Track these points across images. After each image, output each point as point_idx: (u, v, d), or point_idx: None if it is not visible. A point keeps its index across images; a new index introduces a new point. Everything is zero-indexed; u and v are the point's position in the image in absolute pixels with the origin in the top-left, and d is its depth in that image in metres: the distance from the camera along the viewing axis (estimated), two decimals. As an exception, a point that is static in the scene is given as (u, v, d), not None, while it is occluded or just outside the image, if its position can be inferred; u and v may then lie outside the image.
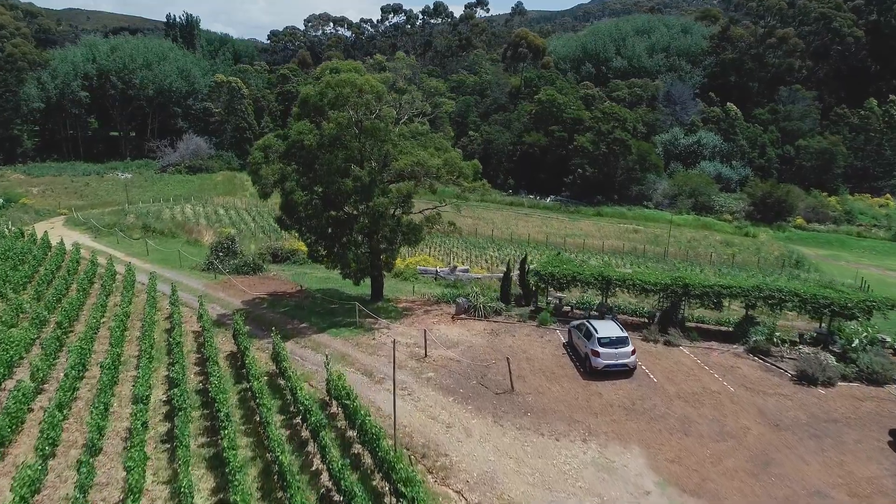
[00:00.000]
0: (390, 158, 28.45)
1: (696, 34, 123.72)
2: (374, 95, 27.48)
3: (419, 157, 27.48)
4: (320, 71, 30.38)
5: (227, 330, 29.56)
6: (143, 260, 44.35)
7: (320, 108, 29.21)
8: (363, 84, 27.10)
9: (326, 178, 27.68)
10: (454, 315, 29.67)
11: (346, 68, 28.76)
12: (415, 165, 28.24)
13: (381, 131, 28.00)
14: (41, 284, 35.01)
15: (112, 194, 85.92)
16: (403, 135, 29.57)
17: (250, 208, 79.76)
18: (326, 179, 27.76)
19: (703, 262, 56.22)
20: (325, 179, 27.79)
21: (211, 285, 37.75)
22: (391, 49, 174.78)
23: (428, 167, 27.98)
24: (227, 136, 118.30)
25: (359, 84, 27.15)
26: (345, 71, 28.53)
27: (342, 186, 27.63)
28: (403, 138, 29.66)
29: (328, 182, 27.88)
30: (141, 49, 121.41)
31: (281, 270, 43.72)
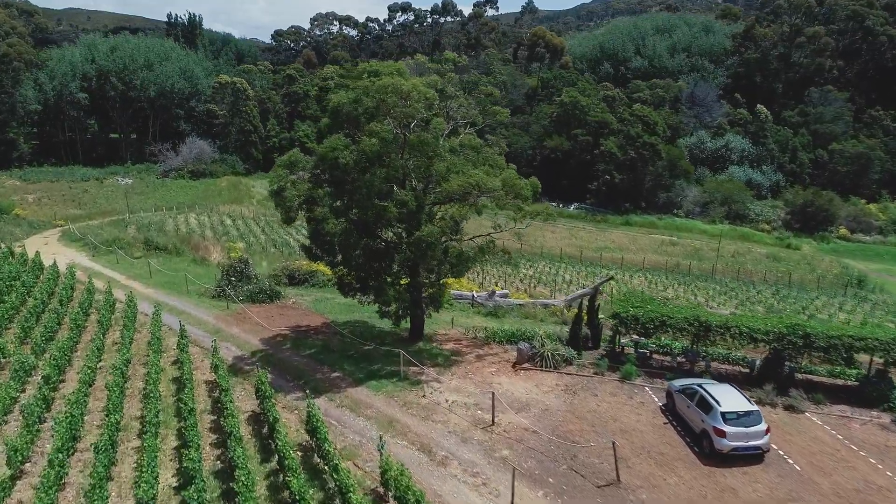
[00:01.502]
0: (438, 178, 23.82)
1: (719, 33, 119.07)
2: (423, 103, 22.87)
3: (476, 178, 22.87)
4: (357, 73, 25.76)
5: (245, 380, 25.01)
6: (146, 283, 39.75)
7: (355, 119, 24.59)
8: (410, 90, 22.49)
9: (365, 202, 23.06)
10: (515, 364, 25.06)
11: (387, 70, 24.15)
12: (470, 187, 23.63)
13: (429, 146, 23.40)
14: (29, 318, 30.42)
15: (112, 202, 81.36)
16: (454, 149, 24.95)
17: (258, 217, 75.23)
18: (365, 204, 23.14)
19: (755, 280, 51.58)
20: (363, 204, 23.17)
21: (223, 317, 33.16)
22: (399, 49, 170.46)
23: (487, 189, 23.37)
24: (232, 139, 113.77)
25: (405, 90, 22.54)
26: (386, 74, 23.91)
27: (384, 212, 23.04)
28: (453, 153, 25.03)
29: (367, 207, 23.26)
30: (142, 49, 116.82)
31: (299, 295, 39.13)
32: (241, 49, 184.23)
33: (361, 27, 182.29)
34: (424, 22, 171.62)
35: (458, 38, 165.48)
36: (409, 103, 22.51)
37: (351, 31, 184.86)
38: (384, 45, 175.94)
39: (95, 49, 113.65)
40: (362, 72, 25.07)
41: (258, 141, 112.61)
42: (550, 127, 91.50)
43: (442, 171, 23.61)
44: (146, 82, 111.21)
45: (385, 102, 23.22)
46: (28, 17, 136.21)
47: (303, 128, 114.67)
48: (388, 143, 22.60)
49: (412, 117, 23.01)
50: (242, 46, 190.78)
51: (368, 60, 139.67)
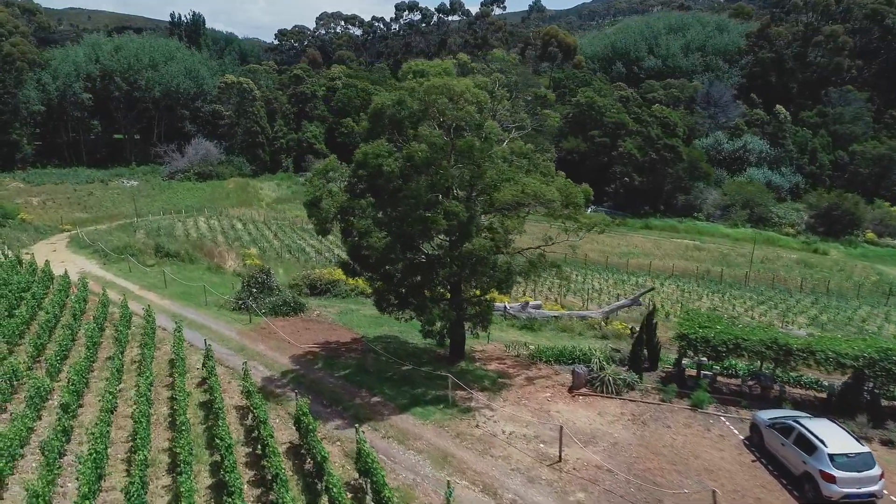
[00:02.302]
0: (487, 186, 21.87)
1: (733, 32, 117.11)
2: (475, 106, 20.94)
3: (533, 188, 20.95)
4: (402, 74, 23.83)
5: (279, 405, 23.12)
6: (161, 294, 37.84)
7: (398, 123, 22.70)
8: (463, 91, 20.56)
9: (411, 213, 21.13)
10: (572, 389, 23.12)
11: (435, 70, 22.22)
12: (524, 196, 21.72)
13: (481, 152, 21.46)
14: (42, 334, 28.50)
15: (118, 205, 79.56)
16: (505, 157, 23.00)
17: (269, 221, 73.38)
18: (411, 215, 21.21)
19: (791, 288, 49.63)
20: (409, 215, 21.24)
21: (247, 333, 31.23)
22: (405, 48, 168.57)
23: (544, 199, 21.45)
24: (238, 140, 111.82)
25: (457, 91, 20.61)
26: (433, 73, 21.99)
27: (432, 224, 21.11)
28: (503, 160, 23.09)
29: (413, 219, 21.34)
30: (146, 48, 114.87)
31: (323, 307, 37.20)
32: (244, 49, 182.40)
33: (367, 26, 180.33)
34: (431, 21, 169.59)
35: (465, 37, 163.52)
36: (461, 106, 20.56)
37: (356, 30, 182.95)
38: (389, 45, 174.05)
39: (99, 48, 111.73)
40: (407, 72, 23.13)
41: (265, 142, 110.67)
42: (566, 128, 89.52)
43: (493, 180, 21.68)
44: (151, 82, 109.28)
45: (433, 105, 21.31)
46: (30, 15, 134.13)
47: (311, 128, 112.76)
48: (437, 149, 20.66)
49: (464, 121, 21.09)
50: (245, 46, 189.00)
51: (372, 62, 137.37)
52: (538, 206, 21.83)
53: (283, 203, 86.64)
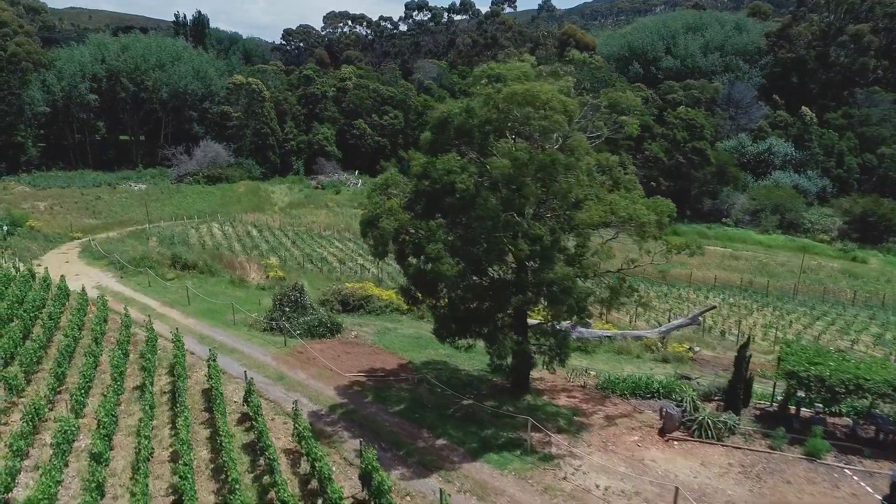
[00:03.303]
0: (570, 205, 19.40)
1: (752, 31, 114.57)
2: (563, 115, 18.46)
3: (627, 209, 18.55)
4: (474, 78, 21.35)
5: (332, 448, 20.68)
6: (185, 312, 35.36)
7: (467, 133, 20.22)
8: (549, 99, 18.09)
9: (489, 237, 18.67)
10: (663, 432, 20.63)
11: (513, 75, 19.72)
12: (614, 217, 19.32)
13: (566, 168, 18.98)
14: (61, 361, 26.04)
15: (128, 210, 77.06)
16: (589, 171, 20.50)
17: (284, 227, 70.89)
18: (489, 239, 18.75)
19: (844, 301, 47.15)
20: (486, 240, 18.77)
21: (283, 358, 28.75)
22: (413, 48, 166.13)
23: (639, 222, 19.04)
24: (247, 142, 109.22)
25: (543, 99, 18.14)
26: (511, 79, 19.50)
27: (513, 249, 18.66)
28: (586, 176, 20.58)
29: (491, 243, 18.88)
30: (153, 48, 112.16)
31: (357, 325, 34.74)
32: (249, 49, 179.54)
33: (374, 26, 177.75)
34: (441, 21, 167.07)
35: (474, 37, 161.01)
36: (548, 115, 18.08)
37: (363, 30, 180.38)
38: (397, 45, 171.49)
39: (105, 48, 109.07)
40: (479, 76, 20.67)
41: (275, 144, 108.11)
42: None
43: (579, 198, 19.21)
44: (158, 83, 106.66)
45: (511, 114, 18.86)
46: (34, 14, 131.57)
47: (321, 130, 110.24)
48: (521, 164, 18.17)
49: (551, 132, 18.61)
50: (250, 46, 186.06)
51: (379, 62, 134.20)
52: (627, 228, 19.36)
53: (296, 208, 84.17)
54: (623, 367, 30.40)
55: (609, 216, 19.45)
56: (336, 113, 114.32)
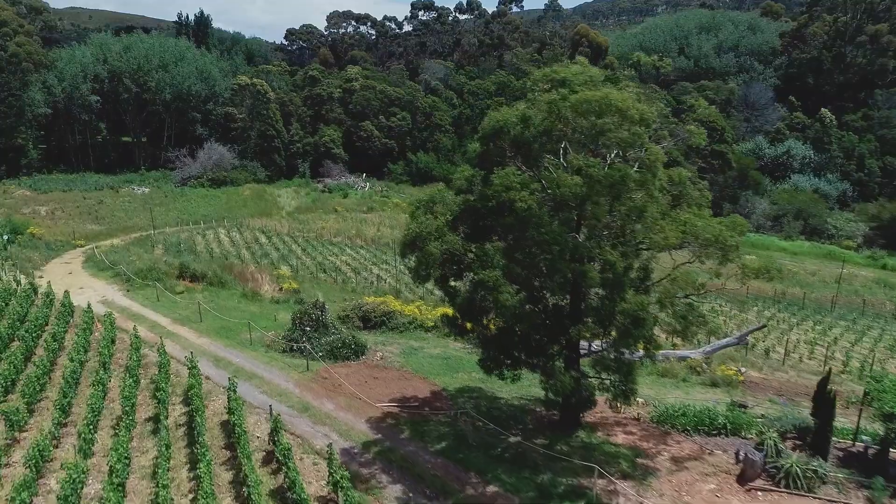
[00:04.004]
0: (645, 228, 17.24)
1: (767, 31, 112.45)
2: (642, 126, 16.32)
3: (713, 230, 16.41)
4: (532, 83, 19.19)
5: (370, 494, 18.59)
6: (197, 330, 33.17)
7: (524, 145, 18.06)
8: (629, 108, 15.94)
9: (553, 263, 16.51)
10: (742, 479, 18.44)
11: (580, 79, 17.55)
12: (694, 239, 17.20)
13: (641, 185, 16.82)
14: (67, 391, 23.89)
15: (132, 215, 74.96)
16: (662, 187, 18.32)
17: (293, 233, 68.72)
18: (552, 266, 16.59)
19: (884, 314, 44.96)
20: (550, 266, 16.62)
21: (306, 384, 26.55)
22: (419, 48, 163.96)
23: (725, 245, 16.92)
24: (252, 144, 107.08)
25: (621, 107, 15.99)
26: (578, 84, 17.34)
27: (582, 279, 16.49)
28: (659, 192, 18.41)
29: (555, 270, 16.71)
30: (156, 49, 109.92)
31: (381, 344, 32.55)
32: (252, 49, 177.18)
33: (379, 26, 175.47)
34: (447, 20, 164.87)
35: (480, 37, 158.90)
36: (629, 127, 15.93)
37: (367, 30, 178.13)
38: (402, 45, 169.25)
39: (107, 49, 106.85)
40: (540, 80, 18.49)
41: (281, 146, 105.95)
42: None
43: (654, 219, 17.04)
44: (161, 84, 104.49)
45: (578, 124, 16.70)
46: (35, 14, 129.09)
47: (328, 132, 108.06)
48: (594, 182, 16.00)
49: (629, 147, 16.45)
50: (252, 46, 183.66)
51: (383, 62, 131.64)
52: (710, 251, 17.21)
53: (304, 212, 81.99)
54: (670, 393, 28.32)
55: (687, 237, 17.29)
56: (342, 114, 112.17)
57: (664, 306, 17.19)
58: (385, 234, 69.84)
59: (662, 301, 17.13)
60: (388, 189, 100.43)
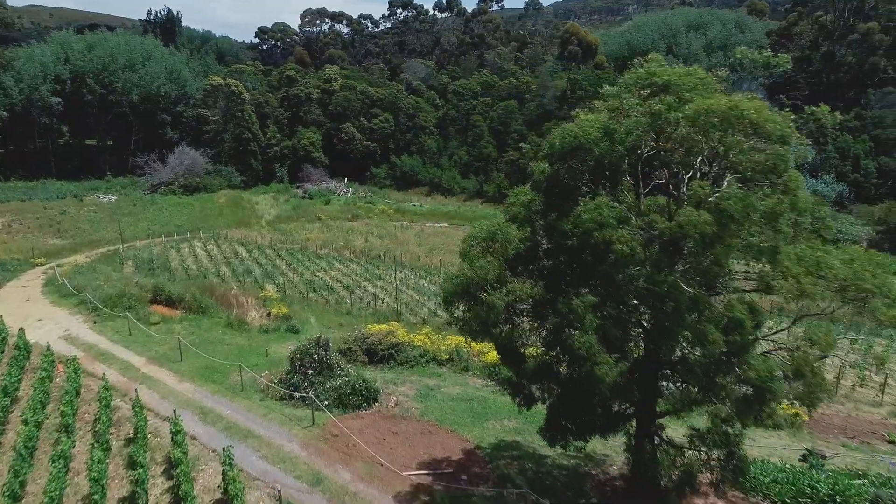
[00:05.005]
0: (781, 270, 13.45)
1: (755, 30, 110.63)
2: (781, 144, 12.52)
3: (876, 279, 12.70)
4: (622, 86, 15.23)
5: None
6: (177, 372, 28.57)
7: (612, 167, 14.16)
8: (766, 121, 12.13)
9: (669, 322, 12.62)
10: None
11: (689, 82, 13.68)
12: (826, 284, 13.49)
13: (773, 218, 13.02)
14: (20, 466, 19.31)
15: (98, 227, 69.31)
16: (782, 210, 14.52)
17: (275, 245, 63.93)
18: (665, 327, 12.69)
19: (920, 330, 42.13)
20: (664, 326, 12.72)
21: (314, 445, 22.26)
22: (397, 47, 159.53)
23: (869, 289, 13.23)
24: (226, 147, 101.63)
25: (751, 119, 12.17)
26: (686, 88, 13.47)
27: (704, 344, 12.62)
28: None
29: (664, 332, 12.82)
30: (122, 47, 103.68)
31: (392, 383, 28.36)
32: (223, 48, 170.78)
33: (355, 24, 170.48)
34: (426, 19, 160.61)
35: (460, 35, 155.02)
36: (762, 145, 12.11)
37: (343, 28, 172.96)
38: (380, 43, 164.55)
39: (69, 48, 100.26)
40: (634, 83, 14.56)
41: (257, 150, 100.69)
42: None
43: (791, 260, 13.26)
44: (128, 84, 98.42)
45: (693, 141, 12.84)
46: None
47: (307, 134, 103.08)
48: (727, 217, 12.14)
49: (768, 171, 12.63)
50: (223, 45, 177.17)
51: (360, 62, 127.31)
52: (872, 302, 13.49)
53: (285, 221, 77.09)
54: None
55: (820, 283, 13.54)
56: (321, 116, 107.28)
57: (801, 374, 13.37)
58: (375, 244, 65.50)
59: (799, 368, 13.30)
60: (373, 194, 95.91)
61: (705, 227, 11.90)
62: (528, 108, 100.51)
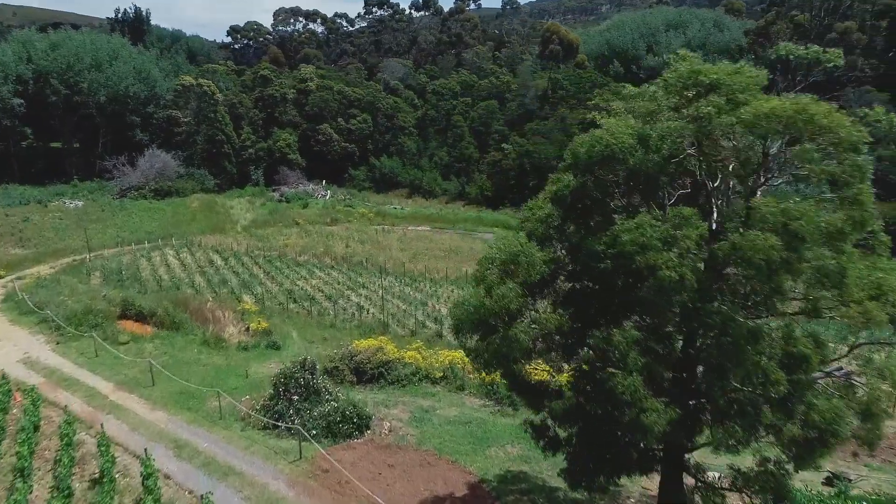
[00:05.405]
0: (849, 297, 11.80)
1: (734, 29, 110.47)
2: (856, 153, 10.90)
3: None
4: (663, 85, 13.45)
5: None
6: (148, 399, 26.19)
7: (647, 180, 12.41)
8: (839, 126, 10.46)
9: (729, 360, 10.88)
10: None
11: (742, 82, 12.01)
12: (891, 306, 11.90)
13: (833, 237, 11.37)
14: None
15: (63, 235, 65.95)
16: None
17: (252, 252, 61.31)
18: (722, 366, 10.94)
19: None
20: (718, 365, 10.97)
21: (302, 481, 20.17)
22: (374, 46, 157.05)
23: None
24: (198, 150, 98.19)
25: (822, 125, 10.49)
26: (738, 89, 11.78)
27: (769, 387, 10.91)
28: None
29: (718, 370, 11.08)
30: (88, 46, 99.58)
31: (383, 405, 26.37)
32: (194, 47, 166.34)
33: (330, 23, 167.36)
34: (403, 17, 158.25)
35: (438, 35, 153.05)
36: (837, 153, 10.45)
37: (318, 27, 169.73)
38: (356, 43, 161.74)
39: (32, 47, 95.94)
40: (675, 84, 12.79)
41: (231, 152, 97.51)
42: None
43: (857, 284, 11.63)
44: (94, 85, 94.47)
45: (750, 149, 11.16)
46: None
47: (283, 136, 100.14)
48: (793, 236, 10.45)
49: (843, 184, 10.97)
50: (194, 44, 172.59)
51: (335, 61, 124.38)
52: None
53: (262, 227, 74.33)
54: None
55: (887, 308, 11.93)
56: (298, 117, 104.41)
57: (871, 415, 11.73)
58: (356, 250, 63.26)
59: (870, 408, 11.66)
60: (352, 197, 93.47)
61: (772, 252, 10.16)
62: (509, 108, 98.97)
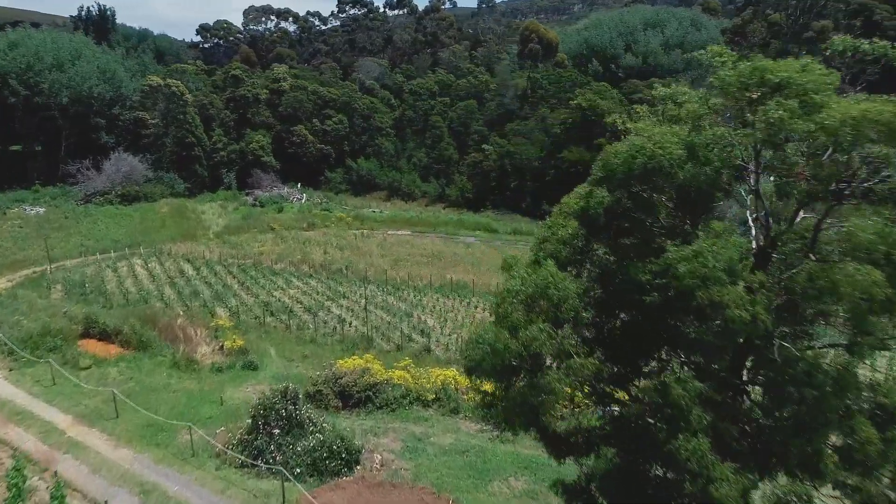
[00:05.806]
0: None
1: (711, 28, 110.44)
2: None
3: None
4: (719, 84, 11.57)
5: None
6: (112, 434, 23.61)
7: (697, 198, 10.54)
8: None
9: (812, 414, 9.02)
10: None
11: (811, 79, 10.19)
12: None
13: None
14: None
15: (22, 245, 62.27)
16: None
17: (225, 260, 58.53)
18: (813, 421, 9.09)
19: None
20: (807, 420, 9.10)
21: (286, 533, 17.96)
22: (348, 45, 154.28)
23: None
24: (168, 153, 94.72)
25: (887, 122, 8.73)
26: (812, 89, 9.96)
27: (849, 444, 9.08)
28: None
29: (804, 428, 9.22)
30: (49, 45, 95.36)
31: (372, 434, 24.25)
32: (162, 46, 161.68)
33: (302, 21, 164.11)
34: (377, 16, 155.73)
35: (413, 34, 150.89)
36: None
37: (290, 26, 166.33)
38: (329, 42, 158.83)
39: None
40: (734, 83, 10.93)
41: (202, 155, 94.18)
42: (563, 136, 78.88)
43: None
44: (56, 86, 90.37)
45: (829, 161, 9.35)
46: None
47: (255, 137, 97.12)
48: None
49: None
50: (162, 43, 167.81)
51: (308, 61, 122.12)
52: None
53: (235, 233, 71.39)
54: None
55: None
56: (271, 118, 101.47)
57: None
58: (335, 256, 60.85)
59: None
60: (329, 200, 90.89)
61: (874, 289, 8.31)
62: (488, 108, 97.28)
